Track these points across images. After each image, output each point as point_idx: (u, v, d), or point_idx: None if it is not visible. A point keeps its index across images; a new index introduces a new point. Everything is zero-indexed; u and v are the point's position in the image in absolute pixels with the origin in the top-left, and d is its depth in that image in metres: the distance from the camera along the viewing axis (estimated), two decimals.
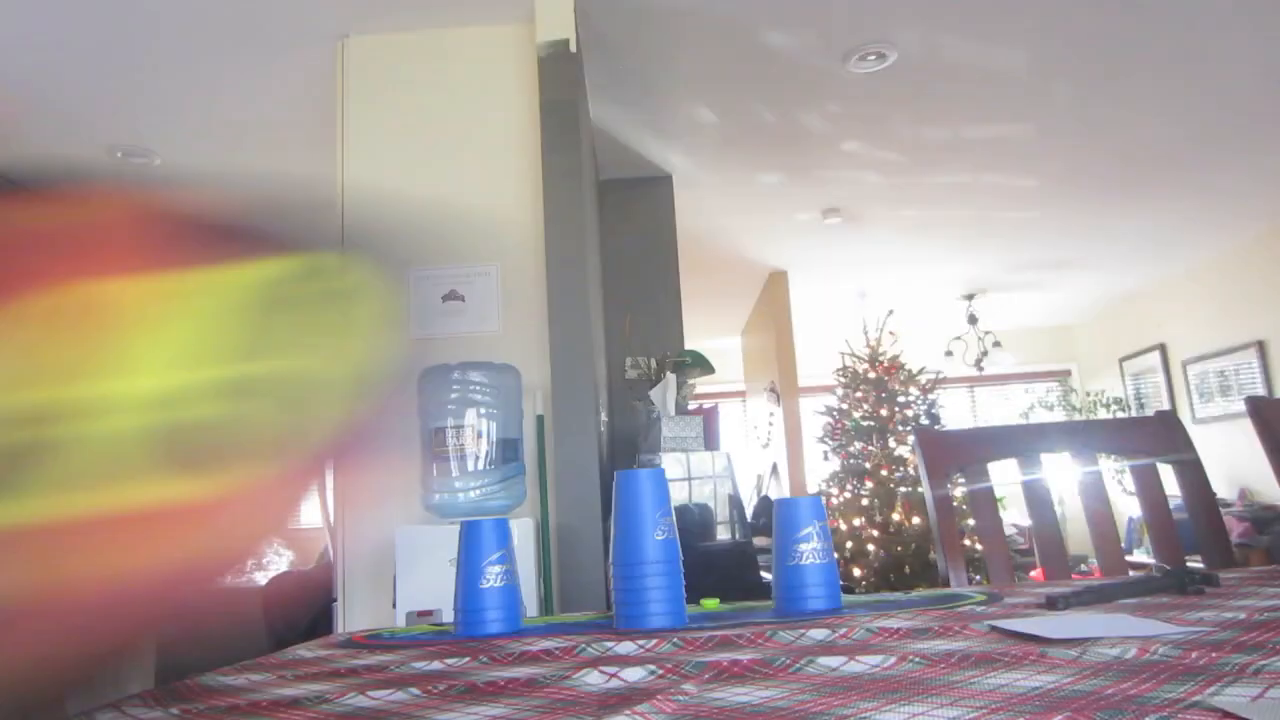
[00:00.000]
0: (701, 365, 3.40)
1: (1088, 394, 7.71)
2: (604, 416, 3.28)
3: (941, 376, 5.45)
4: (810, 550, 0.96)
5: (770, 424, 6.40)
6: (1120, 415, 7.02)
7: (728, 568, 3.13)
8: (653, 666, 0.65)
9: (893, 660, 0.62)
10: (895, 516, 4.85)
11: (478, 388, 2.35)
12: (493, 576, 0.97)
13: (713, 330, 7.48)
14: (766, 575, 3.97)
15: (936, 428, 5.11)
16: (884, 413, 5.09)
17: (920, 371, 5.28)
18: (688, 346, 3.87)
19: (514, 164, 2.78)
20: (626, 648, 0.78)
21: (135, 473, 0.50)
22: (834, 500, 5.08)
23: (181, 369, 0.53)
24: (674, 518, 0.96)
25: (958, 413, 7.90)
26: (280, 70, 3.09)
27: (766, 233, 5.18)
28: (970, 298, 6.72)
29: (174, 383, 0.52)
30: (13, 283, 0.51)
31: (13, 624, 0.46)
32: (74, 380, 0.50)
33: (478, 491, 2.27)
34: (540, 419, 2.55)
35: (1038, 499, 1.46)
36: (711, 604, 1.12)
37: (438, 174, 2.84)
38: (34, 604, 0.47)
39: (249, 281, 0.58)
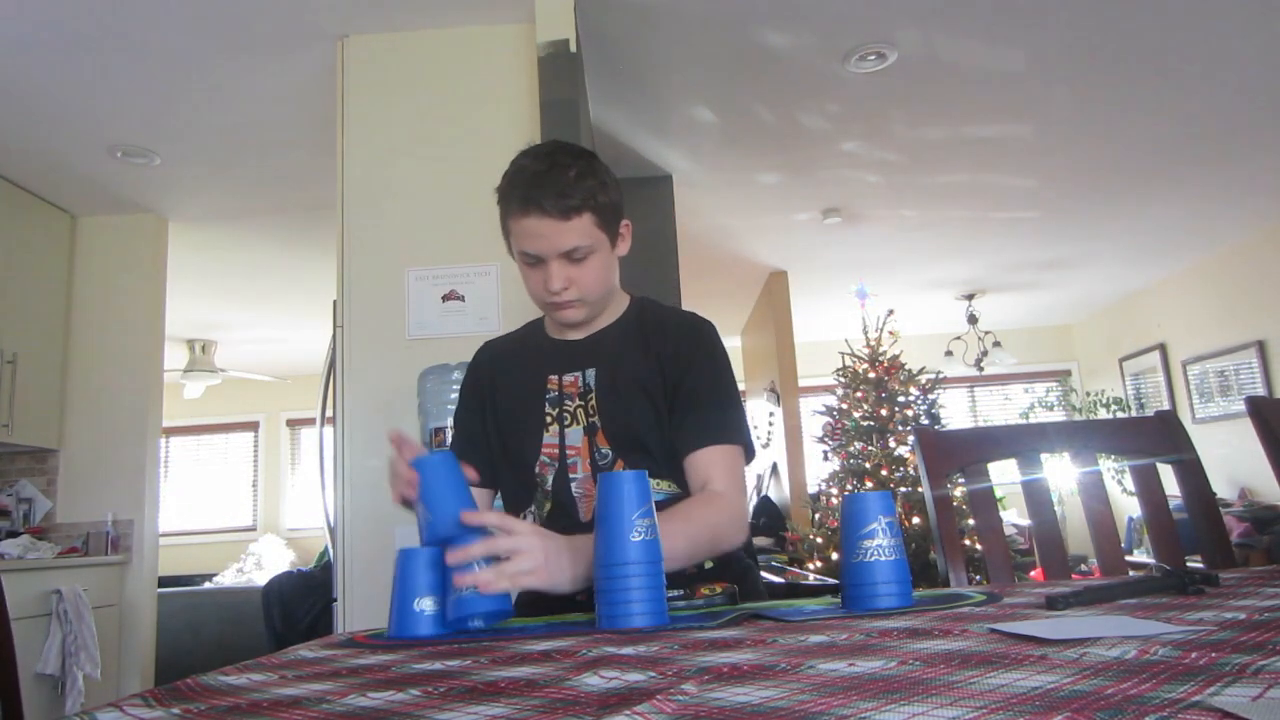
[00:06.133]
0: None
1: (1088, 394, 7.71)
2: None
3: (941, 376, 5.44)
4: (875, 547, 0.95)
5: (770, 424, 6.40)
6: (1120, 415, 7.02)
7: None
8: (653, 673, 0.65)
9: (893, 662, 0.62)
10: None
11: None
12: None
13: None
14: (768, 576, 3.97)
15: (936, 428, 5.11)
16: (884, 413, 5.08)
17: (920, 371, 5.28)
18: None
19: None
20: (627, 650, 0.78)
21: None
22: (833, 500, 5.08)
23: None
24: (654, 518, 0.95)
25: (958, 413, 7.90)
26: (280, 70, 3.08)
27: (766, 233, 5.18)
28: (970, 298, 6.72)
29: None
30: None
31: None
32: None
33: None
34: None
35: (1038, 499, 1.46)
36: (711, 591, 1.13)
37: (438, 174, 2.84)
38: None
39: None
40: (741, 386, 7.42)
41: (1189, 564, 1.17)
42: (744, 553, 1.38)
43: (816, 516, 5.07)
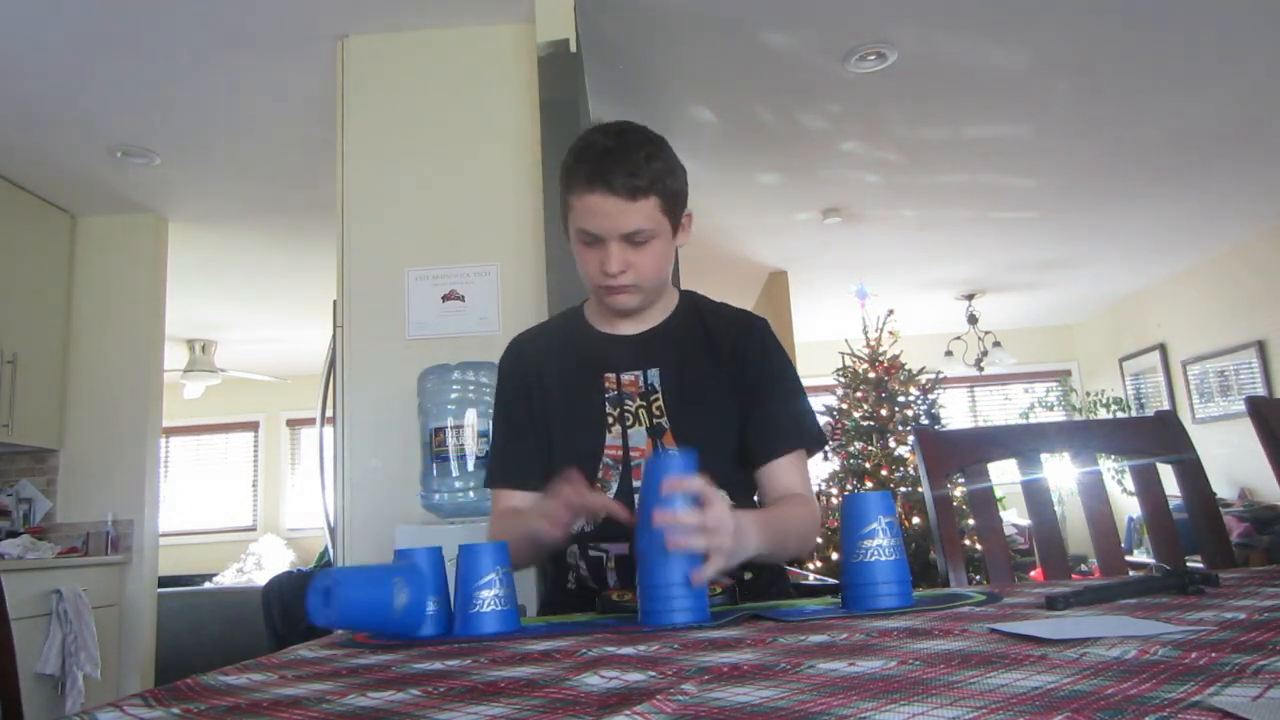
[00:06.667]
0: None
1: (1088, 394, 7.70)
2: None
3: (941, 376, 5.44)
4: (875, 547, 0.95)
5: None
6: (1120, 415, 7.01)
7: None
8: (653, 673, 0.65)
9: (893, 662, 0.62)
10: None
11: (477, 388, 2.35)
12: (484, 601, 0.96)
13: None
14: None
15: (936, 428, 5.11)
16: (884, 413, 5.08)
17: (920, 371, 5.28)
18: None
19: (514, 164, 2.77)
20: (627, 650, 0.78)
21: None
22: (833, 500, 5.08)
23: None
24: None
25: (958, 413, 7.89)
26: (280, 70, 3.08)
27: (766, 233, 5.18)
28: (970, 298, 6.72)
29: None
30: None
31: None
32: None
33: (477, 491, 2.27)
34: None
35: (1038, 499, 1.46)
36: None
37: (437, 173, 2.84)
38: None
39: None
40: None
41: (1189, 564, 1.17)
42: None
43: None
